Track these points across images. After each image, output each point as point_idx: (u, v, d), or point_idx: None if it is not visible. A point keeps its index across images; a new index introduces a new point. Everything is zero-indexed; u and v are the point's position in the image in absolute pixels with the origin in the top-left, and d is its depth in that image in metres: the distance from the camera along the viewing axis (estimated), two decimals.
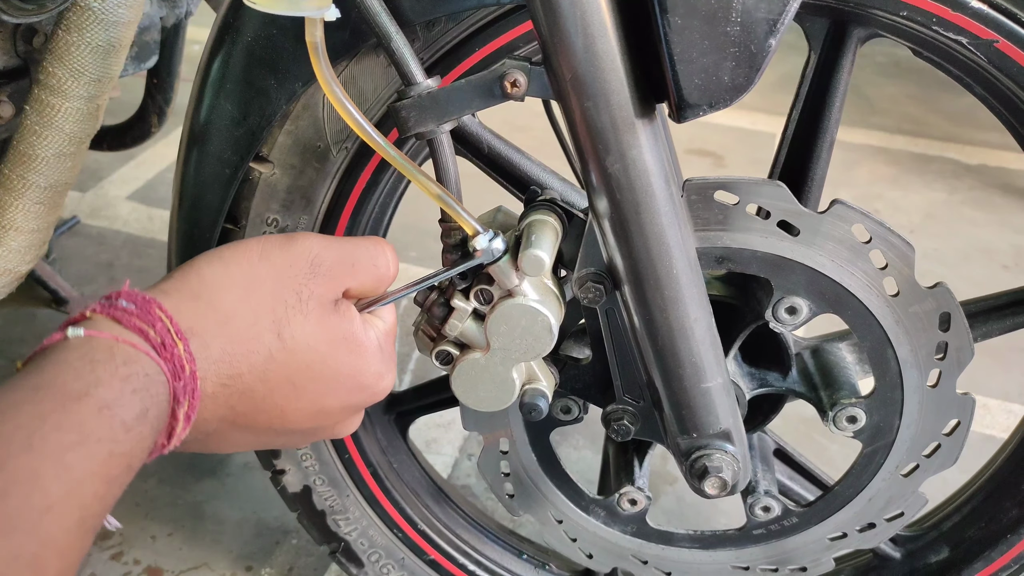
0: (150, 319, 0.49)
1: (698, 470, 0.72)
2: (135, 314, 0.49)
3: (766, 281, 0.70)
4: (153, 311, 0.49)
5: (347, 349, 0.57)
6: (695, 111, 0.56)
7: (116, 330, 0.48)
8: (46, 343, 0.48)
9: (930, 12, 0.64)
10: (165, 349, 0.49)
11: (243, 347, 0.52)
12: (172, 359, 0.49)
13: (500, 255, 0.61)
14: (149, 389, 0.47)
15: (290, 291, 0.55)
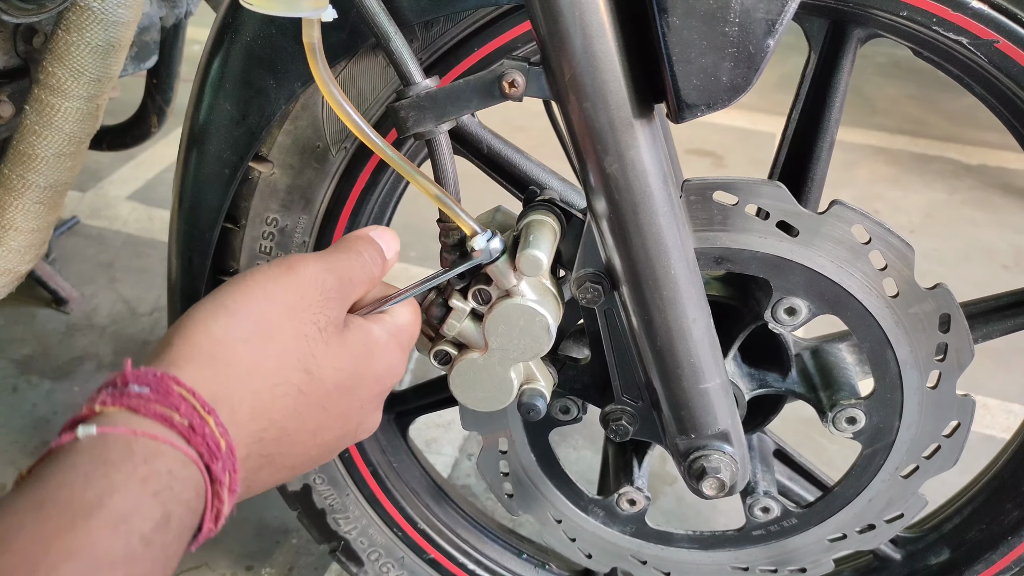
0: (171, 401, 0.44)
1: (696, 471, 0.72)
2: (152, 398, 0.43)
3: (765, 282, 0.70)
4: (172, 390, 0.44)
5: (367, 356, 0.56)
6: (693, 111, 0.56)
7: (134, 422, 0.42)
8: (53, 446, 0.42)
9: (930, 12, 0.64)
10: (195, 432, 0.44)
11: (271, 395, 0.49)
12: (205, 441, 0.44)
13: (498, 255, 0.61)
14: (173, 488, 0.41)
15: (308, 324, 0.52)
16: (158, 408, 0.43)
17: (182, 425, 0.43)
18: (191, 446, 0.43)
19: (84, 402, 0.45)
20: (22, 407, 1.42)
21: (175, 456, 0.42)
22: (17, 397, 1.44)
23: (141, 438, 0.42)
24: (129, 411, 0.43)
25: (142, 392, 0.44)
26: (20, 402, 1.43)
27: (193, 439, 0.43)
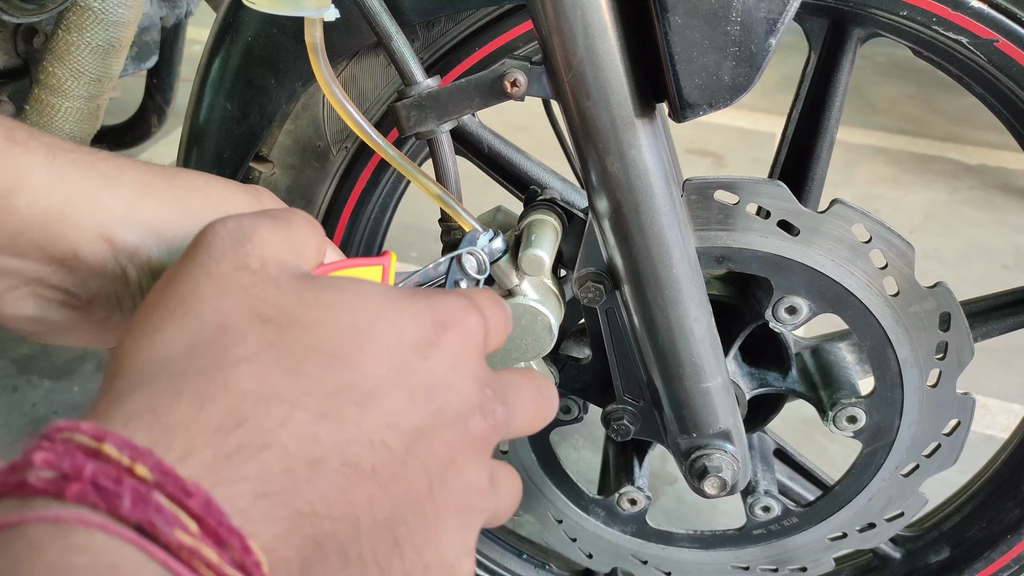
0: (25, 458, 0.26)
1: (698, 470, 0.72)
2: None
3: (766, 281, 0.70)
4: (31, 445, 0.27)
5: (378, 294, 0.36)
6: (695, 111, 0.56)
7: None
8: None
9: (930, 12, 0.64)
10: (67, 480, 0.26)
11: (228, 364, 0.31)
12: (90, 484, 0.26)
13: (500, 255, 0.61)
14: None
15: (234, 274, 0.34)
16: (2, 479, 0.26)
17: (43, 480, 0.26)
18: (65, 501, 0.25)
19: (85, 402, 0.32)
20: (22, 407, 1.42)
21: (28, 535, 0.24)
22: (17, 397, 1.44)
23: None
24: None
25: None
26: (20, 402, 1.43)
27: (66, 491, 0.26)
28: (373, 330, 0.34)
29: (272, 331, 0.33)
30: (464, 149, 0.79)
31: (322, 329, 0.33)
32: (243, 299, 0.33)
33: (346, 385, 0.32)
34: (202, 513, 0.27)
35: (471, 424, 0.35)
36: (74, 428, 0.27)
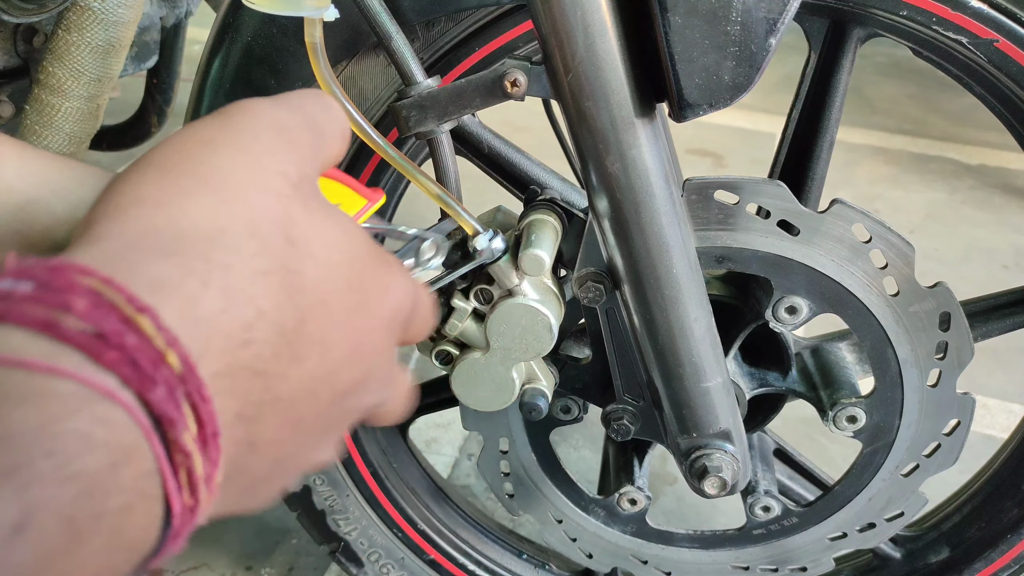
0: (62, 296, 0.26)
1: (698, 470, 0.72)
2: (31, 297, 0.26)
3: (766, 281, 0.70)
4: (66, 278, 0.27)
5: (371, 253, 0.39)
6: (695, 110, 0.56)
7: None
8: None
9: (930, 12, 0.64)
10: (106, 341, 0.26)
11: (249, 270, 0.32)
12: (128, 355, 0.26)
13: (500, 255, 0.61)
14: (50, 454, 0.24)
15: (275, 175, 0.35)
16: (37, 311, 0.26)
17: (80, 333, 0.26)
18: (100, 366, 0.26)
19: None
20: None
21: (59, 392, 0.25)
22: None
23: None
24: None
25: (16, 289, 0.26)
26: None
27: (104, 354, 0.26)
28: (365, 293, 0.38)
29: (293, 257, 0.34)
30: (464, 149, 0.79)
31: (328, 271, 0.36)
32: (276, 209, 0.34)
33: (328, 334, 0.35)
34: (206, 421, 0.27)
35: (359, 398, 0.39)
36: (108, 283, 0.27)
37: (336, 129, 0.41)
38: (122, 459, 0.25)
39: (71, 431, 0.24)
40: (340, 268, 0.36)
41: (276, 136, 0.37)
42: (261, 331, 0.31)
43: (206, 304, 0.29)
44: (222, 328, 0.30)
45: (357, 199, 0.51)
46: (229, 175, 0.34)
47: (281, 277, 0.33)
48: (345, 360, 0.37)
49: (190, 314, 0.29)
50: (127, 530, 0.26)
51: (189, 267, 0.30)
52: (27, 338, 0.25)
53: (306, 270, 0.34)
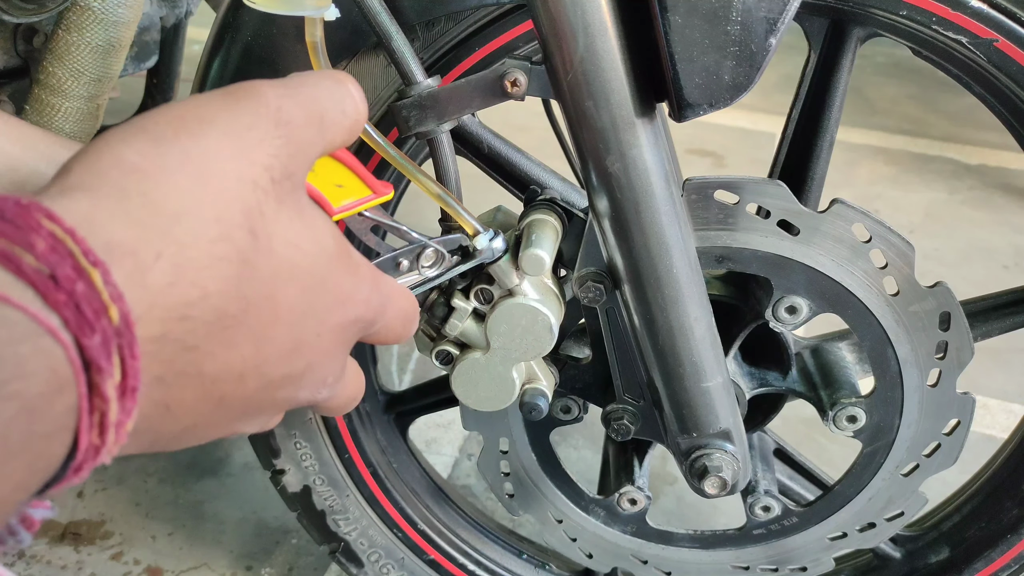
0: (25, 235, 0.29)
1: (698, 469, 0.72)
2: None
3: (766, 280, 0.70)
4: (36, 223, 0.29)
5: (334, 256, 0.41)
6: (695, 110, 0.56)
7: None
8: None
9: (930, 11, 0.64)
10: (58, 286, 0.28)
11: (206, 253, 0.34)
12: (73, 300, 0.29)
13: (500, 254, 0.61)
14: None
15: (258, 167, 0.37)
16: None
17: (36, 272, 0.28)
18: (47, 305, 0.28)
19: None
20: None
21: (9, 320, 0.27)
22: None
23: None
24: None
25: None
26: None
27: (53, 296, 0.28)
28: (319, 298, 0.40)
29: (253, 249, 0.36)
30: (464, 149, 0.79)
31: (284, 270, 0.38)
32: (249, 200, 0.36)
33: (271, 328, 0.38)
34: (129, 375, 0.30)
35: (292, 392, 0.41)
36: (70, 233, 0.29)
37: (343, 124, 0.42)
38: (55, 391, 0.28)
39: (14, 355, 0.27)
40: (298, 269, 0.38)
41: (274, 129, 0.38)
42: (201, 311, 0.34)
43: (155, 274, 0.32)
44: (165, 299, 0.32)
45: (361, 187, 0.50)
46: (213, 159, 0.35)
47: (236, 266, 0.35)
48: (281, 356, 0.39)
49: (138, 279, 0.31)
50: (42, 456, 0.28)
51: (148, 238, 0.32)
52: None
53: (261, 264, 0.36)
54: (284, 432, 0.91)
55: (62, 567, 1.15)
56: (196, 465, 1.33)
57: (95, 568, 1.16)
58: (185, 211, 0.34)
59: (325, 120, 0.41)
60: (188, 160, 0.35)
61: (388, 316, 0.45)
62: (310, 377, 0.41)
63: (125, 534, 1.21)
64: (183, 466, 1.33)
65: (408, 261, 0.57)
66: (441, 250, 0.58)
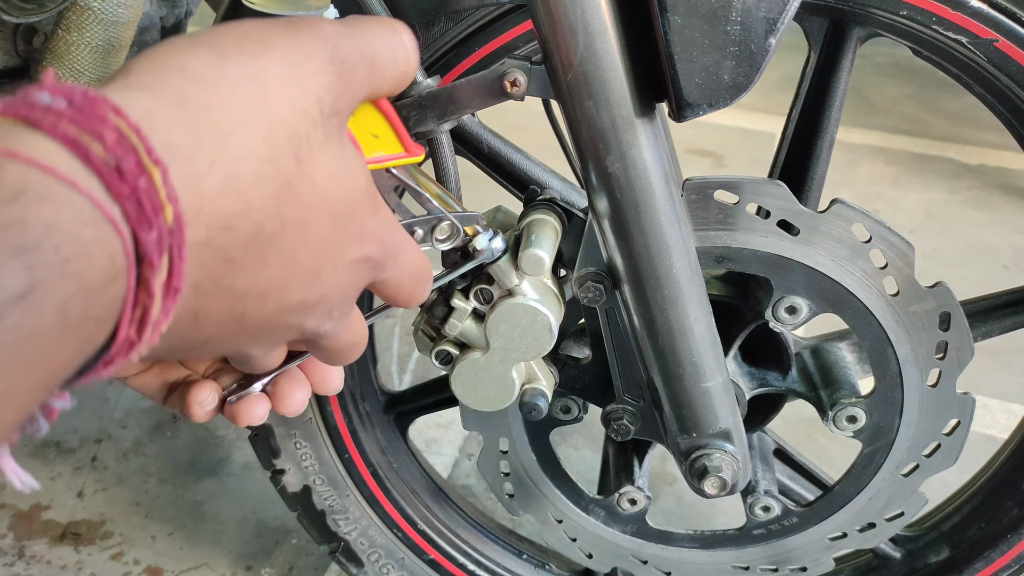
0: (96, 126, 0.29)
1: (698, 470, 0.72)
2: (67, 115, 0.29)
3: (766, 280, 0.70)
4: (104, 115, 0.30)
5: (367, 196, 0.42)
6: (695, 110, 0.56)
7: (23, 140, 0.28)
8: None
9: (930, 11, 0.64)
10: (123, 179, 0.29)
11: (253, 171, 0.35)
12: (135, 195, 0.29)
13: (500, 254, 0.61)
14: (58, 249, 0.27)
15: (311, 97, 0.38)
16: (71, 129, 0.29)
17: (104, 163, 0.29)
18: (111, 196, 0.29)
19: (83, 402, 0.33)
20: None
21: (75, 205, 0.28)
22: None
23: (23, 164, 0.27)
24: (21, 123, 0.29)
25: (54, 105, 0.29)
26: None
27: (118, 188, 0.29)
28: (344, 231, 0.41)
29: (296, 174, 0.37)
30: (463, 149, 0.79)
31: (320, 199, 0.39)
32: (299, 127, 0.37)
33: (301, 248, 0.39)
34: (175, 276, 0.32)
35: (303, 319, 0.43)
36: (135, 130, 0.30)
37: (392, 72, 0.44)
38: (109, 279, 0.29)
39: (78, 236, 0.28)
40: (331, 200, 0.40)
41: (329, 64, 0.39)
42: (243, 224, 0.35)
43: (207, 181, 0.33)
44: (213, 207, 0.33)
45: (395, 143, 0.50)
46: (271, 81, 0.37)
47: (278, 187, 0.36)
48: (302, 281, 0.40)
49: (192, 184, 0.32)
50: (88, 341, 0.30)
51: (203, 145, 0.33)
52: (55, 149, 0.29)
53: (301, 190, 0.38)
54: (284, 432, 0.91)
55: (62, 567, 1.15)
56: (196, 465, 1.33)
57: (95, 568, 1.15)
58: (240, 126, 0.35)
59: (376, 64, 0.42)
60: (248, 78, 0.36)
61: (400, 265, 0.47)
62: (320, 307, 0.42)
63: (125, 534, 1.21)
64: (183, 466, 1.33)
65: (423, 231, 0.57)
66: (457, 225, 0.58)
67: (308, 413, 0.90)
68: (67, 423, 1.39)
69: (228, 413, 0.53)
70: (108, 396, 1.44)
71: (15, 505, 1.24)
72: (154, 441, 1.37)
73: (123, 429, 1.38)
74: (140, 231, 0.30)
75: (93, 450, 1.34)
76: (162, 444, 1.36)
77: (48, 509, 1.24)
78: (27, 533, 1.20)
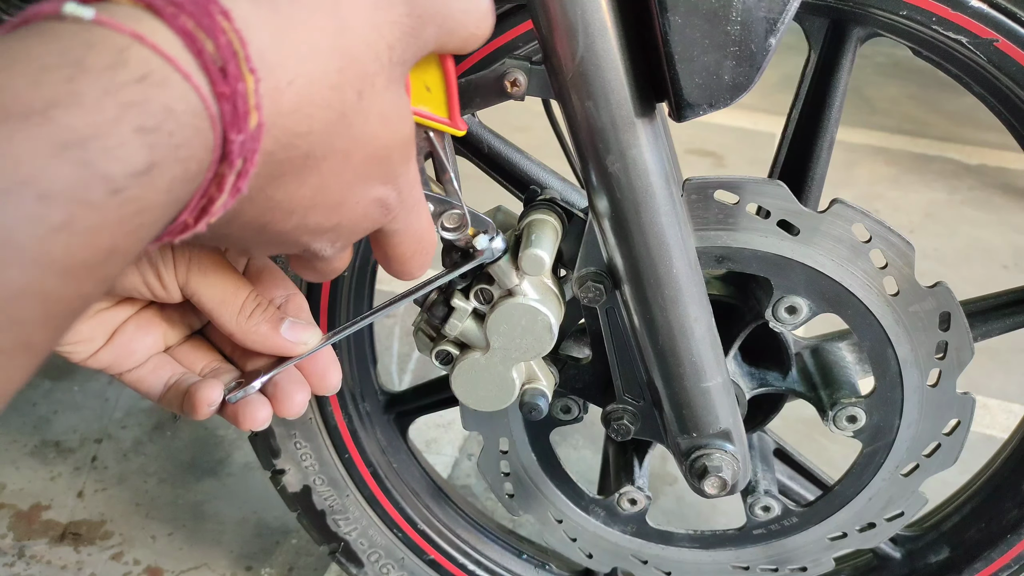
0: (209, 25, 0.31)
1: (698, 470, 0.72)
2: (185, 8, 0.31)
3: (766, 280, 0.70)
4: (214, 15, 0.32)
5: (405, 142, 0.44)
6: (695, 110, 0.56)
7: (147, 25, 0.30)
8: (29, 14, 0.30)
9: (930, 11, 0.64)
10: (226, 80, 0.31)
11: (323, 96, 0.37)
12: (233, 98, 0.32)
13: (500, 254, 0.61)
14: (170, 134, 0.30)
15: (384, 42, 0.39)
16: (187, 23, 0.31)
17: (213, 62, 0.31)
18: (215, 96, 0.31)
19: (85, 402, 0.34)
20: (22, 406, 1.42)
21: (186, 96, 0.30)
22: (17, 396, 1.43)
23: (148, 49, 0.29)
24: (147, 10, 0.31)
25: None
26: (20, 401, 1.43)
27: (220, 88, 0.31)
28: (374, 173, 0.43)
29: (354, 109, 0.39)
30: (463, 149, 0.79)
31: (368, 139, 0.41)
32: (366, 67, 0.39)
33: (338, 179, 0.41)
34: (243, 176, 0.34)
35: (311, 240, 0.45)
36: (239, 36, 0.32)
37: (460, 32, 0.44)
38: (204, 168, 0.32)
39: (187, 127, 0.30)
40: (376, 141, 0.41)
41: (406, 16, 0.40)
42: (302, 144, 0.37)
43: (286, 97, 0.35)
44: (284, 121, 0.35)
45: (443, 107, 0.50)
46: (353, 18, 0.38)
47: (337, 116, 0.38)
48: (327, 207, 0.42)
49: (272, 96, 0.34)
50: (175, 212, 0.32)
51: (287, 62, 0.35)
52: (173, 40, 0.31)
53: (355, 125, 0.39)
54: (284, 432, 0.91)
55: (62, 567, 1.15)
56: (196, 465, 1.33)
57: (95, 568, 1.15)
58: (320, 50, 0.36)
59: (447, 22, 0.43)
60: (335, 8, 0.37)
61: (409, 222, 0.48)
62: (331, 234, 0.45)
63: (125, 534, 1.21)
64: (183, 466, 1.33)
65: (433, 205, 0.57)
66: (467, 218, 0.57)
67: (308, 413, 0.90)
68: (67, 423, 1.39)
69: (229, 414, 0.53)
70: (108, 396, 1.44)
71: (15, 505, 1.24)
72: (154, 441, 1.37)
73: (123, 429, 1.38)
74: (230, 132, 0.32)
75: (93, 450, 1.34)
76: (162, 444, 1.36)
77: (48, 509, 1.24)
78: (27, 533, 1.20)
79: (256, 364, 0.55)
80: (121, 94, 0.28)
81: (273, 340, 0.53)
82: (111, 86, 0.28)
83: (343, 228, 0.44)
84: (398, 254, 0.50)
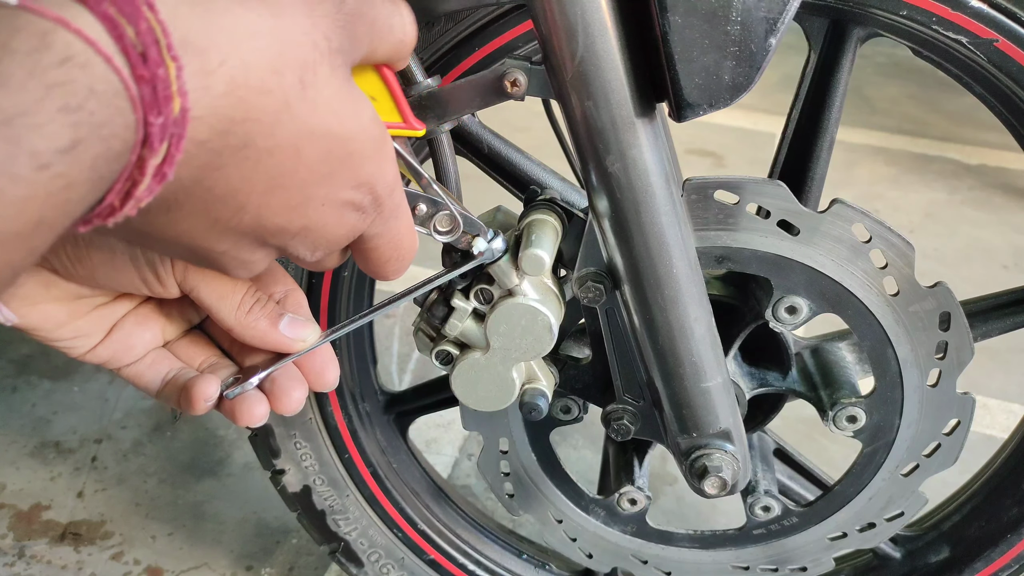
0: (131, 12, 0.32)
1: (698, 470, 0.72)
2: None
3: (766, 280, 0.70)
4: (137, 3, 0.33)
5: (372, 139, 0.43)
6: (695, 110, 0.56)
7: (70, 11, 0.31)
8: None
9: (930, 11, 0.64)
10: (146, 65, 0.32)
11: (260, 81, 0.37)
12: (153, 82, 0.32)
13: (500, 255, 0.61)
14: (93, 113, 0.31)
15: (320, 31, 0.40)
16: (109, 9, 0.32)
17: (133, 47, 0.32)
18: (134, 78, 0.32)
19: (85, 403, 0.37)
20: (21, 407, 1.42)
21: (108, 78, 0.31)
22: (16, 397, 1.44)
23: (71, 33, 0.31)
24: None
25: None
26: (19, 402, 1.43)
27: (140, 71, 0.32)
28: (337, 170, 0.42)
29: (297, 97, 0.39)
30: (464, 149, 0.79)
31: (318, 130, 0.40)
32: (306, 54, 0.39)
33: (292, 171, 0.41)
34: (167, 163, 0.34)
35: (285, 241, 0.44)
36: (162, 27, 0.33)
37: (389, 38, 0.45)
38: (122, 151, 0.33)
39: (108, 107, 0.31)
40: (330, 134, 0.41)
41: (336, 12, 0.41)
42: (239, 130, 0.37)
43: (216, 79, 0.35)
44: (216, 106, 0.36)
45: (394, 112, 0.50)
46: (287, 6, 0.38)
47: (278, 104, 0.38)
48: (284, 208, 0.42)
49: (200, 80, 0.35)
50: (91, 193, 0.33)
51: (217, 45, 0.35)
52: (95, 24, 0.32)
53: (300, 114, 0.39)
54: (284, 432, 0.91)
55: (62, 567, 1.15)
56: (196, 465, 1.33)
57: (95, 568, 1.16)
58: (255, 35, 0.36)
59: (375, 25, 0.44)
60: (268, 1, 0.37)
61: (389, 228, 0.48)
62: (303, 239, 0.44)
63: (125, 534, 1.21)
64: (183, 466, 1.33)
65: (426, 207, 0.56)
66: (457, 218, 0.57)
67: (308, 413, 0.90)
68: (67, 423, 1.39)
69: (227, 410, 0.53)
70: (108, 396, 1.44)
71: (15, 505, 1.24)
72: (154, 441, 1.37)
73: (123, 429, 1.38)
74: (150, 115, 0.33)
75: (93, 450, 1.34)
76: (162, 444, 1.36)
77: (48, 509, 1.24)
78: (27, 533, 1.20)
79: (254, 360, 0.55)
80: (46, 75, 0.30)
81: (271, 336, 0.53)
82: (36, 68, 0.30)
83: (314, 232, 0.44)
84: (374, 258, 0.50)
